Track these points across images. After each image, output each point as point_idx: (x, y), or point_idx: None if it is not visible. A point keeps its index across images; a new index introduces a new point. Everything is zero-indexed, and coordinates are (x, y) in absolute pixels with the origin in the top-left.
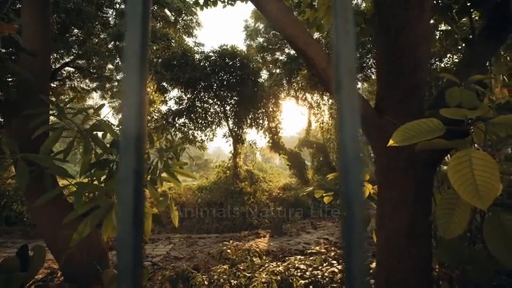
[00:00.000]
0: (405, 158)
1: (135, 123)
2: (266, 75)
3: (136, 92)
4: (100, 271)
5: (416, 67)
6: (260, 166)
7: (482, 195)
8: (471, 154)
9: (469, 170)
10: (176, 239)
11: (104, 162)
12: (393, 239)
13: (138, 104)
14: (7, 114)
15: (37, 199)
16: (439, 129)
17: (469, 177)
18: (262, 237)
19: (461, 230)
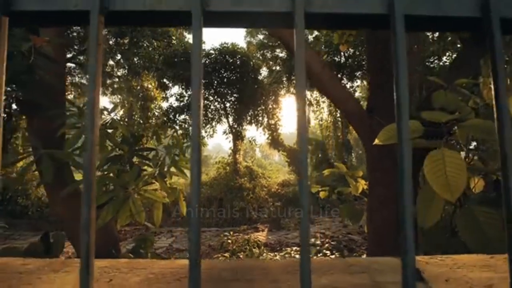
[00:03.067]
0: (391, 156)
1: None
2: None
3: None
4: (115, 255)
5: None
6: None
7: (452, 189)
8: (444, 153)
9: (442, 167)
10: (177, 232)
11: (117, 157)
12: (381, 231)
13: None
14: (29, 114)
15: (56, 191)
16: (418, 130)
17: (442, 173)
18: (260, 231)
19: (436, 220)
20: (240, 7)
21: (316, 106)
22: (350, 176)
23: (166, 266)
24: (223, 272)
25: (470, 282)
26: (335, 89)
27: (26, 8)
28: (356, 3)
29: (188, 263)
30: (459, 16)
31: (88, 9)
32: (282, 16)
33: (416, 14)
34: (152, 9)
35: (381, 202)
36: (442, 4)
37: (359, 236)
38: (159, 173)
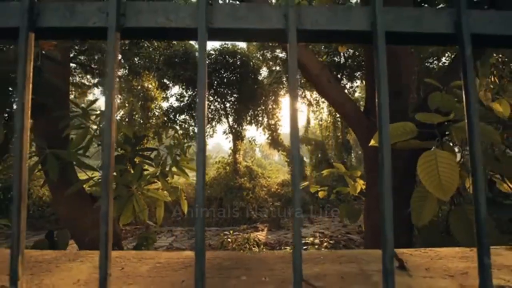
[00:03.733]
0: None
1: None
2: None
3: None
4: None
5: (399, 75)
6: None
7: (444, 188)
8: (436, 153)
9: (435, 167)
10: (177, 231)
11: (120, 157)
12: (378, 230)
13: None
14: (35, 114)
15: (60, 190)
16: (412, 132)
17: (434, 173)
18: (260, 231)
19: (430, 218)
20: (240, 24)
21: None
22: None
23: (172, 257)
24: (225, 261)
25: (447, 270)
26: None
27: (50, 24)
28: (343, 21)
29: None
30: (436, 32)
31: (105, 26)
32: (277, 32)
33: (397, 30)
34: (163, 26)
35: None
36: (420, 22)
37: (358, 236)
38: (161, 172)
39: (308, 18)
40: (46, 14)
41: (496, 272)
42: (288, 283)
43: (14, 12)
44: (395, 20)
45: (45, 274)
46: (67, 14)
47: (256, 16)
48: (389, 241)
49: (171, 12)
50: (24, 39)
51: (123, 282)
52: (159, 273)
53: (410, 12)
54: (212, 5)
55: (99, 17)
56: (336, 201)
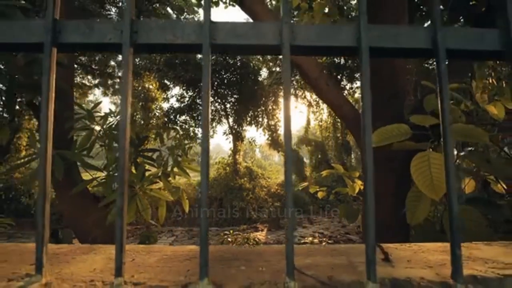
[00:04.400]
0: (386, 157)
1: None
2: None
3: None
4: None
5: (395, 78)
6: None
7: (436, 189)
8: (429, 155)
9: (427, 168)
10: (178, 232)
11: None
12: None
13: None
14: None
15: (65, 190)
16: (407, 133)
17: (427, 174)
18: (260, 231)
19: (423, 218)
20: (240, 40)
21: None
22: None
23: (177, 250)
24: (225, 254)
25: (427, 262)
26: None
27: (71, 40)
28: (332, 38)
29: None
30: (415, 47)
31: (120, 42)
32: (273, 47)
33: (379, 46)
34: (171, 42)
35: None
36: (400, 38)
37: (357, 236)
38: (163, 173)
39: (300, 35)
40: (67, 31)
41: (471, 263)
42: (282, 272)
43: (39, 29)
44: (379, 37)
45: (63, 264)
46: (86, 31)
47: (254, 33)
48: (371, 235)
49: (178, 29)
50: (48, 54)
51: (135, 271)
52: (166, 264)
53: (392, 29)
54: (215, 23)
55: (114, 34)
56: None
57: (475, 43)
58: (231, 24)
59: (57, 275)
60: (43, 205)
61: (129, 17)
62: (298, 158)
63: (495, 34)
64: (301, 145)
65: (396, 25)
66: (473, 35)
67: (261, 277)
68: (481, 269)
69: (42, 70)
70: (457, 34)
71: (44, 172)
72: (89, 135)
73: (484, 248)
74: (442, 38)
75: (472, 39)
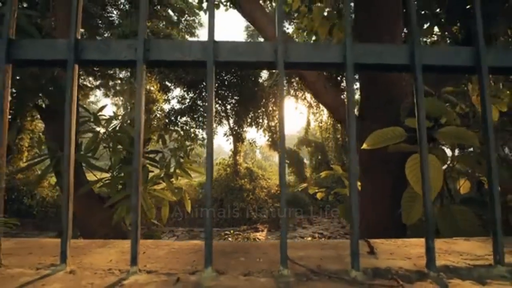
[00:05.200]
0: (383, 159)
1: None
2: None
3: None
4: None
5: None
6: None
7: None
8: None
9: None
10: (179, 232)
11: (127, 159)
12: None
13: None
14: (48, 119)
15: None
16: (401, 135)
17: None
18: (260, 231)
19: (418, 217)
20: (240, 58)
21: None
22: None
23: (183, 244)
24: (227, 248)
25: (408, 255)
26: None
27: (91, 58)
28: (321, 55)
29: (204, 234)
30: (395, 63)
31: (134, 59)
32: (269, 64)
33: (363, 62)
34: (179, 59)
35: (372, 200)
36: (382, 55)
37: None
38: (166, 174)
39: (293, 53)
40: (88, 49)
41: (447, 256)
42: (278, 262)
43: (63, 47)
44: (363, 54)
45: (82, 256)
46: (104, 49)
47: (252, 51)
48: (355, 231)
49: (185, 48)
50: (71, 70)
51: (147, 261)
52: (174, 256)
53: (374, 47)
54: (218, 43)
55: (129, 52)
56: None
57: (450, 59)
58: (232, 43)
59: (78, 264)
60: (67, 204)
61: (142, 36)
62: (298, 159)
63: (469, 51)
64: (301, 146)
65: (379, 43)
66: (449, 52)
67: (259, 266)
68: (454, 260)
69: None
70: (433, 51)
71: (68, 174)
72: (94, 137)
73: (462, 243)
74: (419, 55)
75: (447, 55)
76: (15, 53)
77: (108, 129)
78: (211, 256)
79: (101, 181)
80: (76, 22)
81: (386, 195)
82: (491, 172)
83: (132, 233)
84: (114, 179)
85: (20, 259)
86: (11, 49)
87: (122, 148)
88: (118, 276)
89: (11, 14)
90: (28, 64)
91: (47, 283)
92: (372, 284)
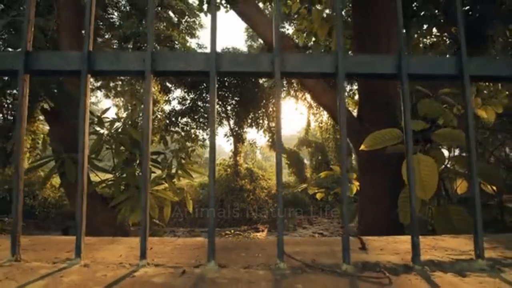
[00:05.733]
0: (381, 161)
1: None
2: None
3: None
4: None
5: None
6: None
7: (426, 189)
8: (419, 158)
9: (417, 170)
10: (179, 232)
11: (130, 160)
12: (371, 226)
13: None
14: (53, 122)
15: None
16: (398, 137)
17: (417, 175)
18: (261, 231)
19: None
20: (240, 68)
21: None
22: None
23: (187, 241)
24: (228, 245)
25: (397, 250)
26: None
27: (102, 68)
28: (315, 65)
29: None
30: (383, 73)
31: (143, 69)
32: (267, 74)
33: (353, 72)
34: (184, 70)
35: (371, 200)
36: (372, 65)
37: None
38: (167, 174)
39: (289, 63)
40: (99, 60)
41: (433, 251)
42: (275, 257)
43: (76, 59)
44: (353, 64)
45: (93, 252)
46: (114, 61)
47: (251, 62)
48: (346, 229)
49: (190, 59)
50: (84, 80)
51: (154, 256)
52: (179, 251)
53: (364, 58)
54: (219, 54)
55: (138, 62)
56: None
57: (435, 68)
58: (233, 54)
59: (91, 259)
60: (82, 203)
61: (150, 49)
62: (298, 160)
63: (453, 60)
64: (302, 147)
65: (369, 54)
66: (434, 61)
67: (257, 261)
68: (439, 255)
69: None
70: (419, 61)
71: (83, 175)
72: (98, 139)
73: (449, 240)
74: (406, 65)
75: (432, 65)
76: (33, 64)
77: (111, 131)
78: (214, 251)
79: (105, 182)
80: (88, 35)
81: (385, 195)
82: (472, 174)
83: (141, 230)
84: (117, 180)
85: (37, 254)
86: (28, 61)
87: (125, 149)
88: (129, 269)
89: (29, 28)
90: (44, 74)
91: (65, 275)
92: (361, 276)
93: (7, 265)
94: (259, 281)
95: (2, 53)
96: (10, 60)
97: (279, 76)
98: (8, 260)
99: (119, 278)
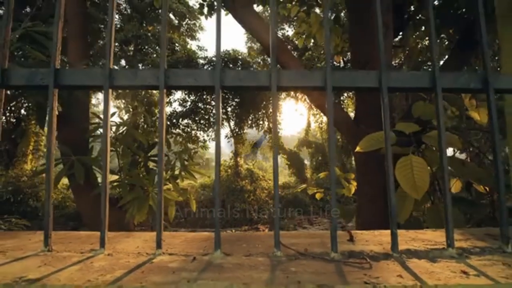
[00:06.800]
0: (377, 162)
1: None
2: None
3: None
4: None
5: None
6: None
7: (418, 189)
8: (411, 159)
9: (410, 170)
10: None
11: (135, 162)
12: (368, 225)
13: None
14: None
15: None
16: (392, 138)
17: (410, 176)
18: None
19: (408, 215)
20: (242, 83)
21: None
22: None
23: (195, 235)
24: (231, 237)
25: (380, 242)
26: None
27: (121, 84)
28: (307, 80)
29: (214, 225)
30: (366, 86)
31: (157, 84)
32: (264, 87)
33: (340, 86)
34: (192, 84)
35: (369, 200)
36: (355, 80)
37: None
38: (171, 176)
39: (284, 78)
40: (119, 77)
41: (413, 242)
42: (273, 247)
43: (98, 75)
44: (340, 79)
45: (114, 244)
46: (132, 77)
47: (251, 78)
48: (334, 223)
49: (197, 75)
50: (106, 94)
51: (167, 247)
52: (188, 244)
53: (349, 73)
54: (224, 71)
55: (152, 79)
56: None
57: (412, 82)
58: (236, 71)
59: (113, 250)
60: (105, 200)
61: (163, 67)
62: (298, 160)
63: (428, 75)
64: (302, 147)
65: (354, 70)
66: (411, 76)
67: (257, 250)
68: (417, 245)
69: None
70: (398, 76)
71: (105, 177)
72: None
73: (429, 233)
74: (385, 79)
75: (409, 79)
76: (61, 80)
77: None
78: (219, 241)
79: (112, 183)
80: (109, 55)
81: (381, 195)
82: (444, 171)
83: (157, 223)
84: (123, 181)
85: (65, 246)
86: (57, 77)
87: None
88: (147, 257)
89: (57, 48)
90: (70, 88)
91: (94, 261)
92: (346, 261)
93: (42, 254)
94: (258, 266)
95: (33, 70)
96: (40, 77)
97: (275, 89)
98: (42, 251)
99: (140, 263)
